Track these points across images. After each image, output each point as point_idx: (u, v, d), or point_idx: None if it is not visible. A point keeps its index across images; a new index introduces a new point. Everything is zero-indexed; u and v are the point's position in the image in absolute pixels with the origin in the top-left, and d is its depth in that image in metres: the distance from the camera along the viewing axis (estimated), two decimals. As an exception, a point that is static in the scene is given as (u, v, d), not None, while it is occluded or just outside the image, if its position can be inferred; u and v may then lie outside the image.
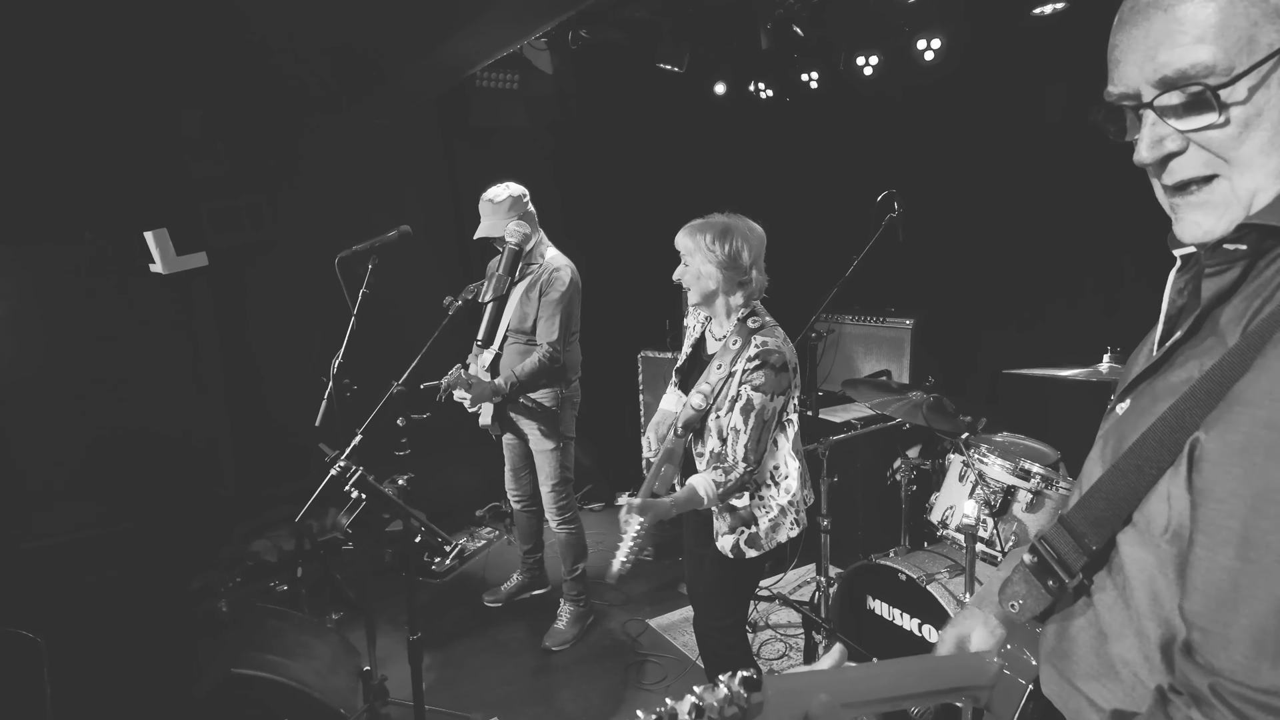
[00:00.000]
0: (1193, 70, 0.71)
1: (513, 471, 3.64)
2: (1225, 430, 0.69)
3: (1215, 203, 0.75)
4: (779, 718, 0.74)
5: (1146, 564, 0.80)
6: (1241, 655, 0.66)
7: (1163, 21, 0.72)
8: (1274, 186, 0.72)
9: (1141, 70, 0.74)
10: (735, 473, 2.10)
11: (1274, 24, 0.69)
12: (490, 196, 3.17)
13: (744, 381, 2.09)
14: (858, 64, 4.05)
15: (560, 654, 3.40)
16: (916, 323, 4.13)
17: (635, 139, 5.00)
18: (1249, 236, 0.74)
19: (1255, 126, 0.71)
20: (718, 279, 2.16)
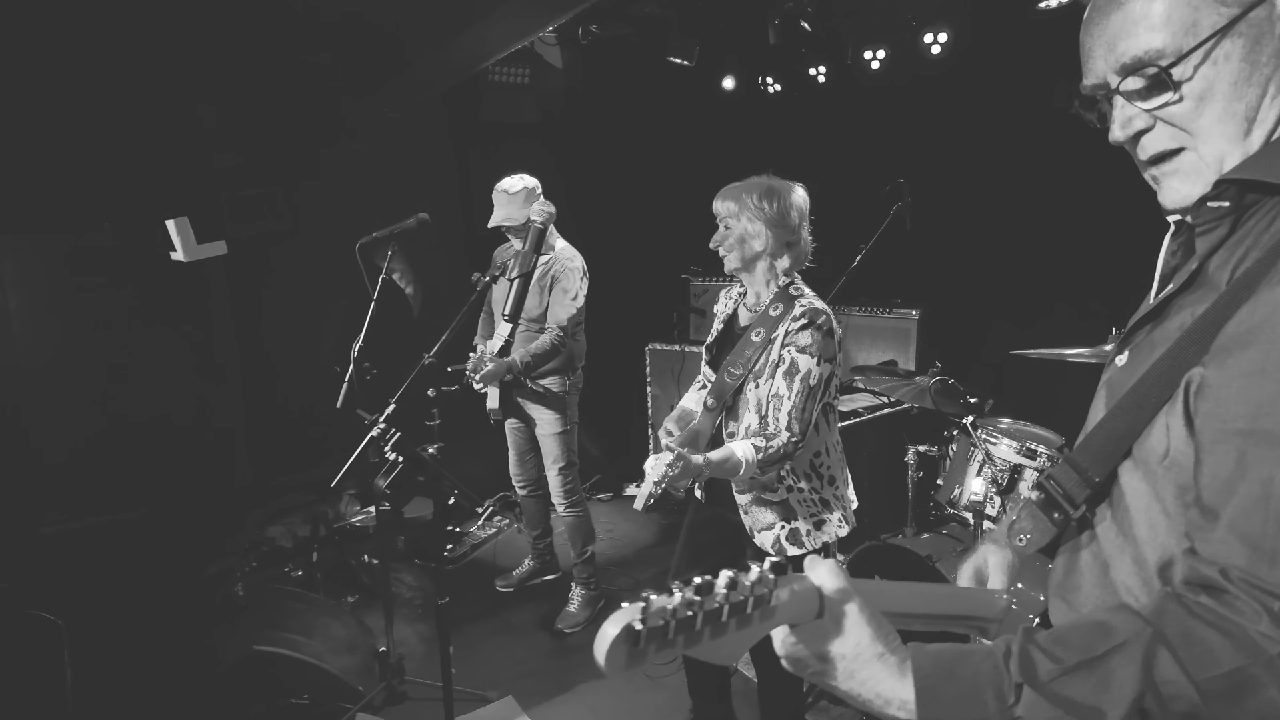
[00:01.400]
0: (1146, 55, 0.80)
1: (518, 456, 3.70)
2: (1223, 356, 0.75)
3: (1186, 169, 0.83)
4: (803, 601, 0.78)
5: (1144, 493, 0.86)
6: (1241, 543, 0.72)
7: (1119, 16, 0.81)
8: (1237, 150, 0.80)
9: (1106, 61, 0.84)
10: (778, 440, 1.93)
11: (1213, 8, 0.77)
12: (504, 187, 3.25)
13: (787, 344, 1.95)
14: (865, 58, 4.11)
15: (572, 635, 3.46)
16: (922, 314, 4.19)
17: (643, 133, 5.06)
18: (1228, 192, 0.81)
19: (1208, 99, 0.79)
20: (766, 238, 2.03)
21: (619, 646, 0.67)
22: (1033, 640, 0.76)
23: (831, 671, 0.79)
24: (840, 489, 2.19)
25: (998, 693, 0.74)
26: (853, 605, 0.79)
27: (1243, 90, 0.79)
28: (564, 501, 3.51)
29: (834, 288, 3.19)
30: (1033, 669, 0.73)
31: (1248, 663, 0.68)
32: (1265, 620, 0.69)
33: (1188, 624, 0.72)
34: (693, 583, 0.71)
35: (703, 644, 0.72)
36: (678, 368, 4.94)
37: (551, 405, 3.41)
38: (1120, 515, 0.89)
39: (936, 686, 0.75)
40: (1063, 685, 0.72)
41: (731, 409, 2.09)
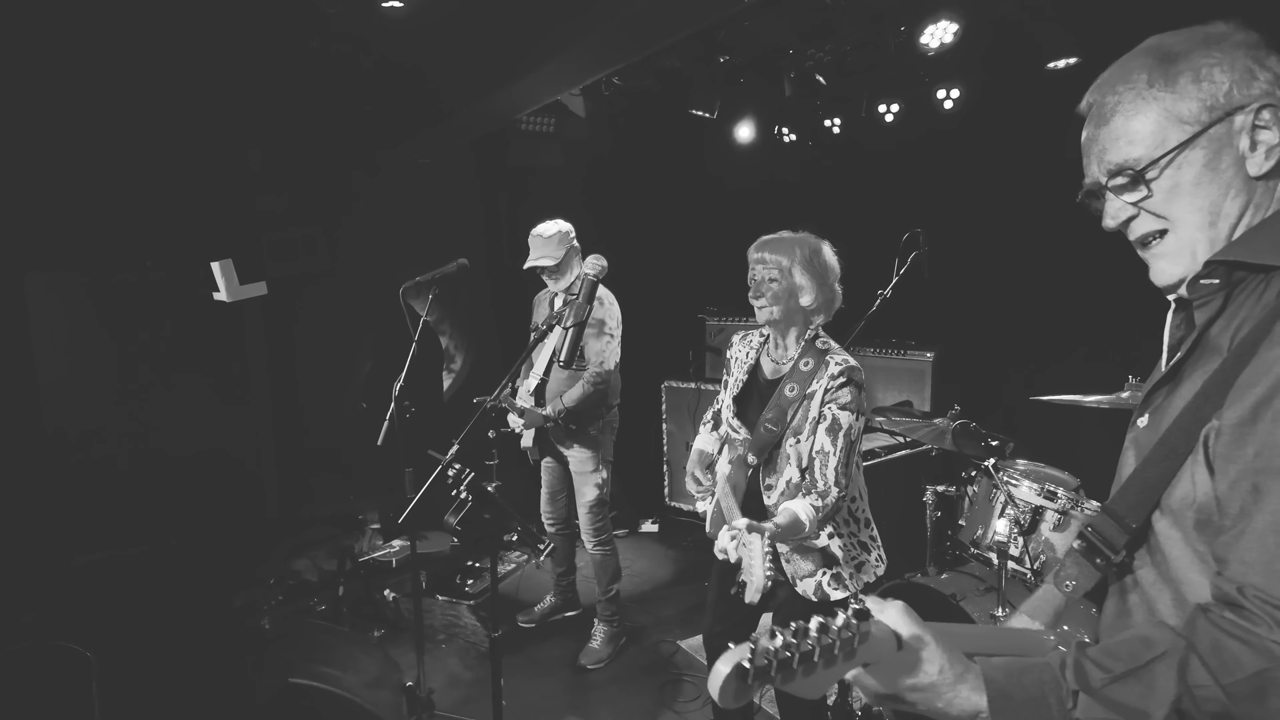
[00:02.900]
0: (1125, 163, 1.00)
1: (550, 495, 3.78)
2: (1235, 408, 0.89)
3: (1169, 252, 1.01)
4: (880, 643, 0.89)
5: (1176, 537, 0.97)
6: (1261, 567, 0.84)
7: (1107, 131, 1.02)
8: (1204, 238, 0.98)
9: (1098, 165, 1.04)
10: (830, 497, 1.99)
11: (1178, 127, 0.97)
12: (539, 231, 3.42)
13: (828, 401, 2.01)
14: (879, 111, 4.28)
15: (595, 672, 3.50)
16: (936, 355, 4.30)
17: (661, 178, 5.24)
18: (1218, 271, 0.97)
19: (1175, 195, 0.98)
20: (814, 294, 2.08)
21: (730, 681, 0.79)
22: (1084, 654, 0.88)
23: (920, 698, 0.90)
24: (874, 530, 2.27)
25: (1058, 698, 0.86)
26: (928, 640, 0.90)
27: (1206, 189, 0.97)
28: (593, 540, 3.58)
29: (852, 333, 3.30)
30: (1085, 677, 0.86)
31: (1268, 666, 0.80)
32: (1279, 631, 0.81)
33: (1215, 635, 0.84)
34: (790, 627, 0.82)
35: (796, 681, 0.83)
36: (693, 405, 5.04)
37: (585, 444, 3.50)
38: (1158, 559, 1.01)
39: (1005, 694, 0.87)
40: (1113, 691, 0.84)
41: (770, 462, 2.13)
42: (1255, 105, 0.94)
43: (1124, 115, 1.00)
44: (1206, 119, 0.95)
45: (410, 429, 2.85)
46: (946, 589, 2.57)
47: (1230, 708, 0.81)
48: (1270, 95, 0.95)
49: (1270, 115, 0.94)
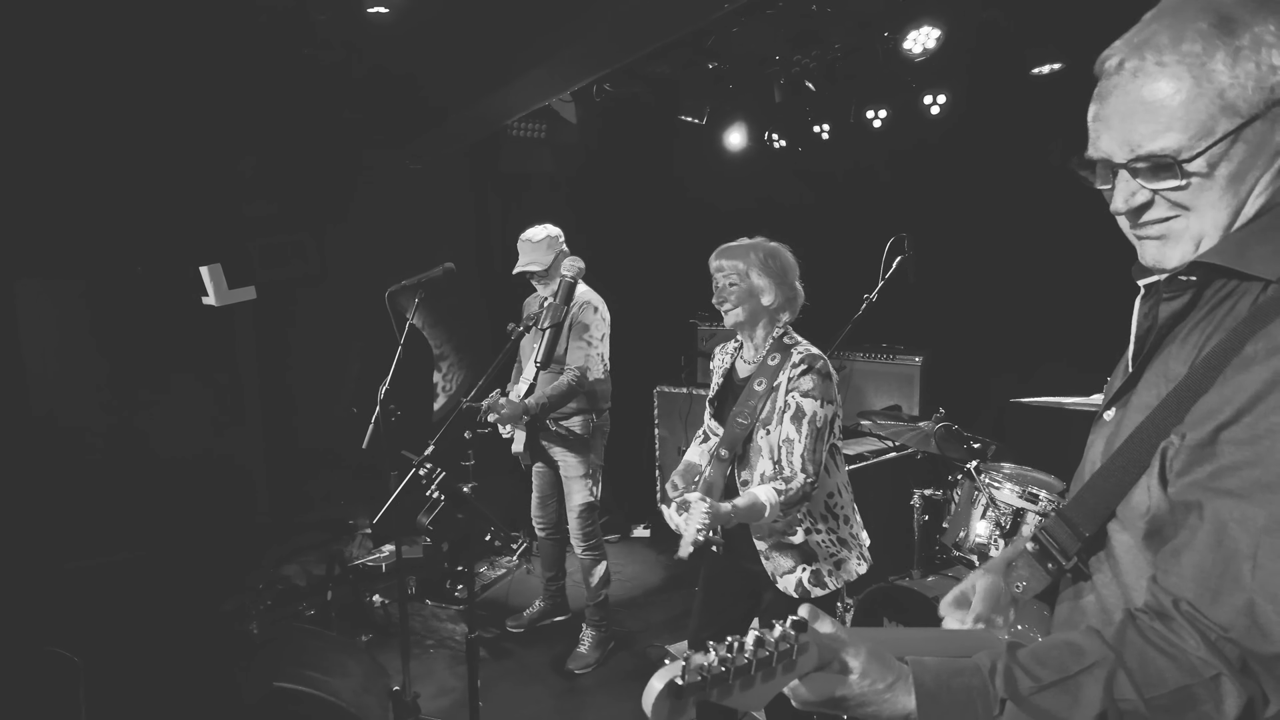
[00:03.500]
0: (1161, 150, 0.87)
1: (540, 499, 3.78)
2: (1196, 430, 0.87)
3: (1170, 237, 0.93)
4: (818, 654, 0.89)
5: (1130, 546, 0.98)
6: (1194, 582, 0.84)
7: (1136, 102, 0.88)
8: (1217, 233, 0.91)
9: (1116, 140, 0.91)
10: (795, 483, 2.03)
11: (1228, 116, 0.85)
12: (529, 236, 3.43)
13: (791, 389, 2.08)
14: (867, 117, 4.31)
15: (583, 676, 3.50)
16: (925, 360, 4.32)
17: (652, 184, 5.26)
18: (1199, 270, 0.92)
19: (1206, 189, 0.88)
20: (774, 294, 2.17)
21: (664, 699, 0.79)
22: (1015, 659, 0.88)
23: (847, 708, 0.91)
24: (855, 528, 2.28)
25: (985, 704, 0.86)
26: (854, 651, 0.90)
27: (1237, 186, 0.88)
28: (582, 544, 3.58)
29: (838, 338, 3.31)
30: (1015, 685, 0.86)
31: (1190, 683, 0.81)
32: (1204, 648, 0.81)
33: (1143, 648, 0.85)
34: (725, 641, 0.82)
35: (734, 696, 0.83)
36: (685, 410, 5.05)
37: (574, 448, 3.50)
38: (1113, 565, 1.01)
39: (934, 698, 0.87)
40: (1040, 699, 0.85)
41: (743, 457, 2.19)
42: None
43: (1153, 92, 0.86)
44: (1261, 106, 0.83)
45: (395, 432, 2.86)
46: (929, 592, 2.58)
47: (1150, 718, 0.82)
48: None
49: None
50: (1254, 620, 0.79)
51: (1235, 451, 0.83)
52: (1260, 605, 0.78)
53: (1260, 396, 0.81)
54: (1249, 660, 0.80)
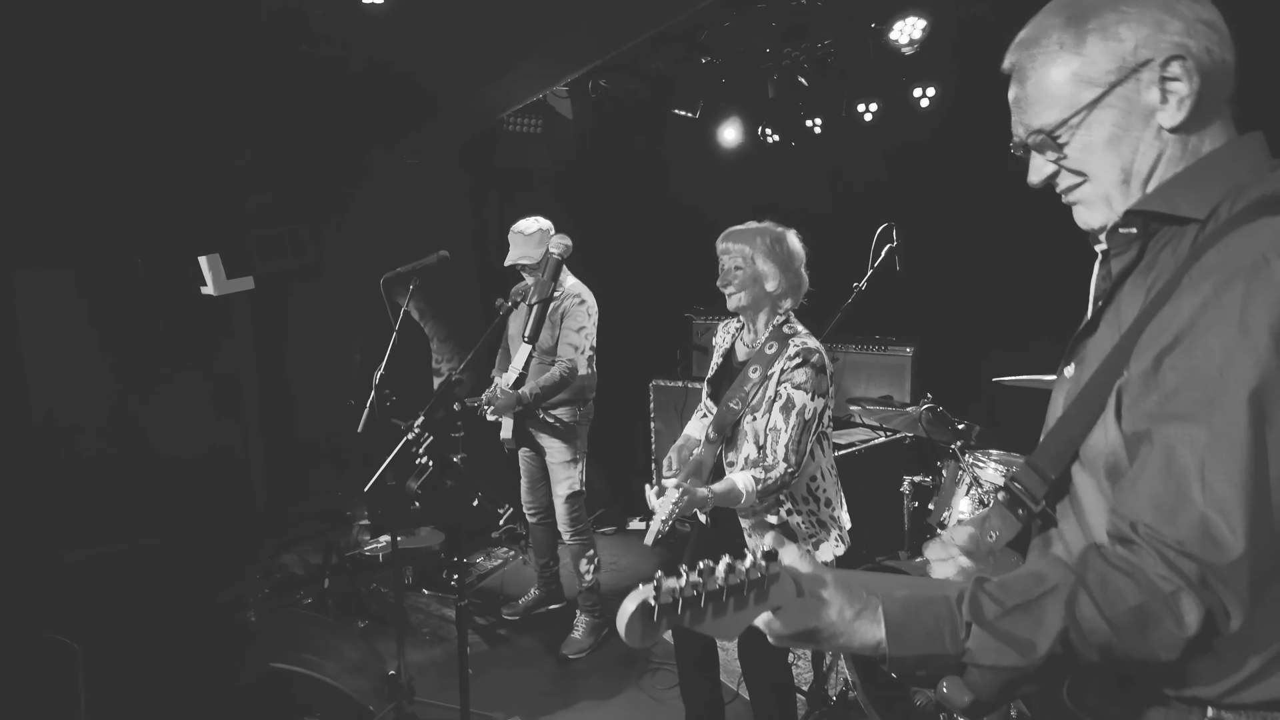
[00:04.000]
0: (1042, 125, 1.02)
1: (529, 484, 3.82)
2: (1140, 360, 0.92)
3: (1087, 200, 1.05)
4: (789, 587, 0.90)
5: (1091, 486, 1.01)
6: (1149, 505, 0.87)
7: (1024, 93, 1.05)
8: (1118, 191, 1.01)
9: (1020, 125, 1.07)
10: (775, 472, 2.07)
11: (1087, 89, 0.98)
12: (520, 228, 3.49)
13: (783, 380, 2.10)
14: (859, 110, 4.36)
15: (577, 661, 3.53)
16: (915, 350, 4.36)
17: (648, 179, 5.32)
18: (1135, 220, 0.99)
19: (1089, 151, 1.01)
20: (778, 280, 2.18)
21: (635, 620, 0.80)
22: (982, 588, 0.90)
23: (822, 637, 0.92)
24: (835, 511, 2.31)
25: (952, 630, 0.88)
26: (826, 582, 0.93)
27: (1119, 145, 0.99)
28: (570, 529, 3.62)
29: (829, 325, 3.35)
30: (980, 611, 0.88)
31: (1148, 600, 0.83)
32: (1163, 565, 0.84)
33: (1103, 570, 0.87)
34: (697, 566, 0.83)
35: (706, 622, 0.84)
36: (681, 404, 5.09)
37: (561, 435, 3.55)
38: (1076, 508, 1.04)
39: (903, 627, 0.89)
40: (1004, 623, 0.87)
41: (731, 440, 2.23)
42: (1163, 58, 0.95)
43: (1037, 78, 1.02)
44: (1115, 78, 0.97)
45: (390, 417, 2.90)
46: (916, 571, 2.61)
47: (1113, 639, 0.84)
48: (1181, 45, 0.94)
49: (1179, 67, 0.94)
50: (1207, 533, 0.82)
51: (1175, 376, 0.87)
52: (1212, 518, 0.82)
53: (1194, 321, 0.86)
54: (1207, 575, 0.82)
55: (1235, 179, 0.94)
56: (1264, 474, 0.82)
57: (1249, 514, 0.81)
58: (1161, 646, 0.84)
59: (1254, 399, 0.82)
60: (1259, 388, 0.82)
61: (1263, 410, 0.82)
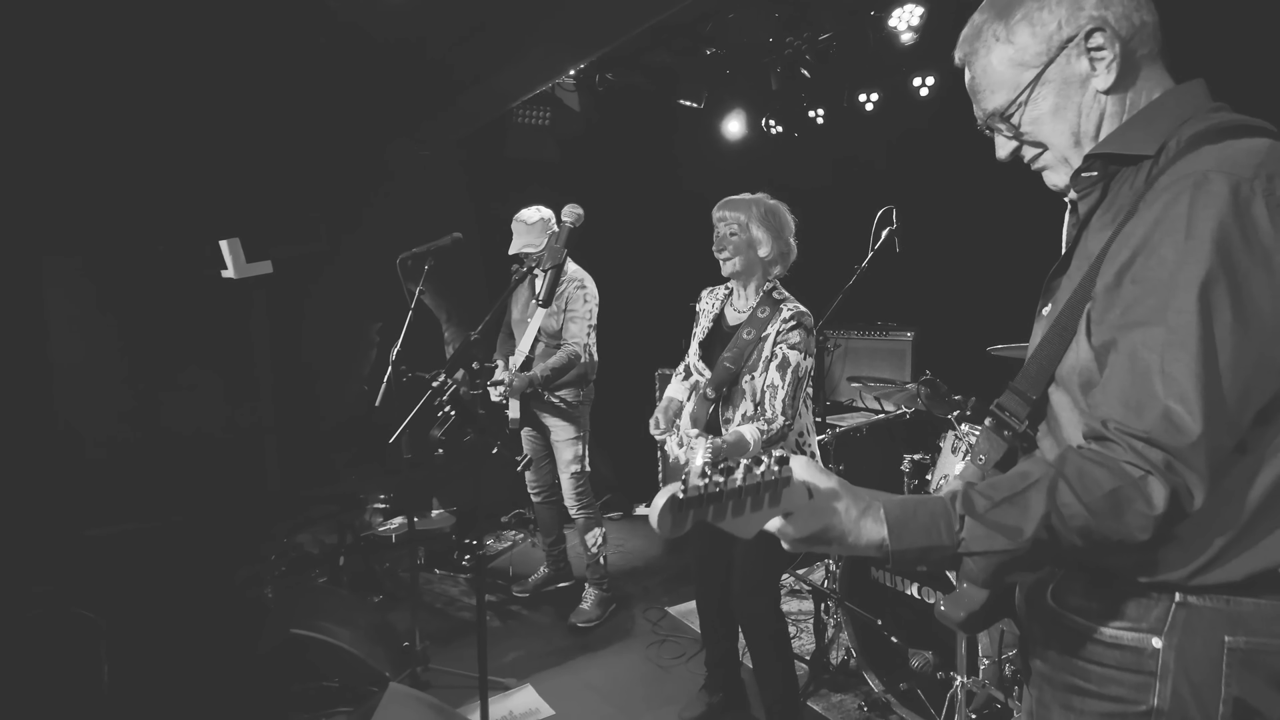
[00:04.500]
0: (995, 108, 1.15)
1: (534, 463, 3.93)
2: (1103, 277, 1.02)
3: (1050, 165, 1.17)
4: (800, 491, 0.99)
5: (1066, 404, 1.10)
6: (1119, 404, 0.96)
7: (974, 83, 1.18)
8: (1073, 150, 1.13)
9: (978, 110, 1.20)
10: (775, 424, 2.28)
11: (1025, 71, 1.11)
12: (523, 217, 3.61)
13: (779, 341, 2.30)
14: (860, 100, 4.46)
15: (586, 632, 3.63)
16: (916, 335, 4.45)
17: (653, 170, 5.41)
18: (1095, 164, 1.10)
19: (1040, 123, 1.13)
20: (770, 246, 2.38)
21: (665, 511, 0.88)
22: (972, 487, 0.99)
23: (830, 535, 0.99)
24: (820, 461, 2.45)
25: (947, 524, 0.97)
26: (834, 485, 1.01)
27: (1064, 113, 1.12)
28: (576, 504, 3.72)
29: (831, 306, 3.44)
30: (971, 504, 0.97)
31: (1121, 484, 0.92)
32: (1132, 454, 0.93)
33: (1080, 463, 0.96)
34: (719, 467, 0.91)
35: (727, 518, 0.93)
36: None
37: (565, 416, 3.66)
38: (1054, 426, 1.14)
39: (903, 524, 0.98)
40: (994, 514, 0.96)
41: (728, 397, 2.40)
42: (1084, 31, 1.07)
43: (981, 69, 1.16)
44: (1046, 57, 1.09)
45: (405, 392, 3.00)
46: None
47: (1091, 521, 0.93)
48: (1098, 18, 1.06)
49: (1101, 37, 1.06)
50: (1170, 421, 0.91)
51: (1134, 287, 0.97)
52: (1173, 408, 0.91)
53: (1148, 236, 0.96)
54: (1172, 459, 0.91)
55: (1180, 118, 1.05)
56: (1214, 363, 0.91)
57: (1205, 400, 0.90)
58: (1135, 527, 0.92)
59: (1201, 295, 0.91)
60: (1205, 284, 0.91)
61: (1209, 305, 0.91)
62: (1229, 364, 0.91)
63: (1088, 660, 1.07)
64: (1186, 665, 1.00)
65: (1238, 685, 0.99)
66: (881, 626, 2.80)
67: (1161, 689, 1.01)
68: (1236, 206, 0.92)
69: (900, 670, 2.76)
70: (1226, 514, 0.98)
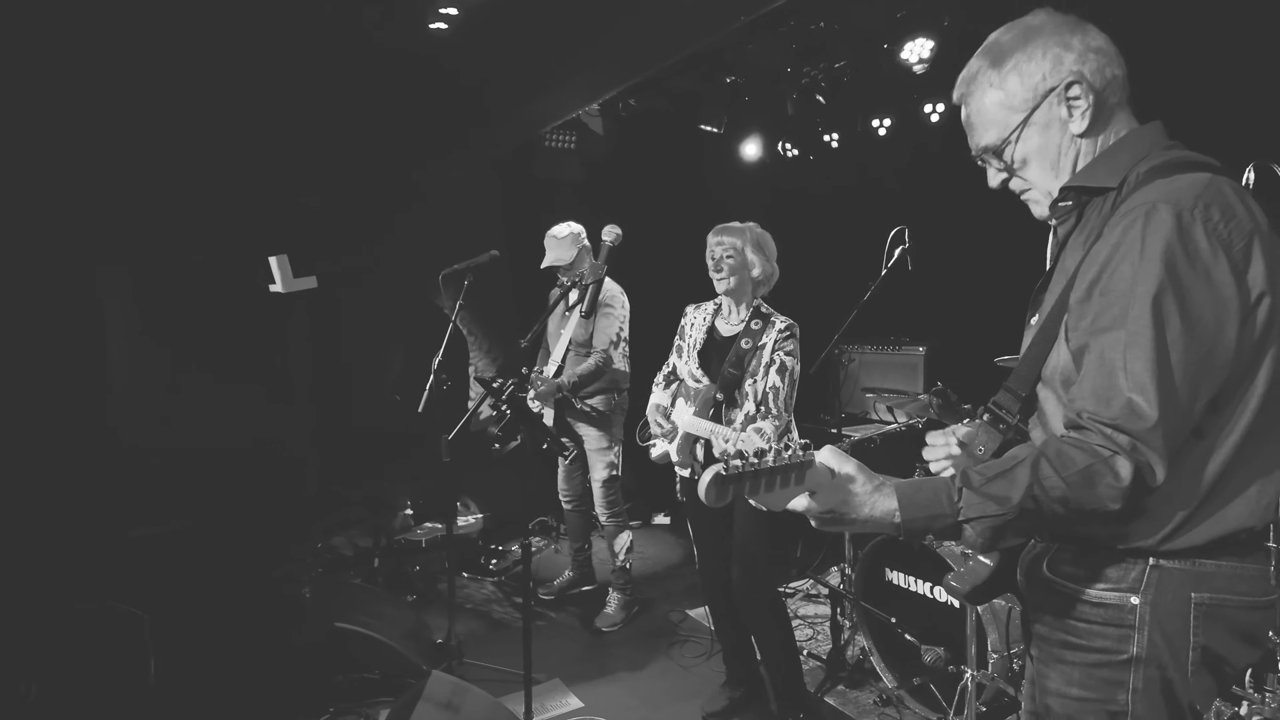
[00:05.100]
0: (987, 144, 1.33)
1: (565, 472, 4.10)
2: (1077, 290, 1.20)
3: (1034, 198, 1.35)
4: (820, 473, 1.17)
5: (1051, 399, 1.28)
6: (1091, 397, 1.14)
7: (970, 121, 1.35)
8: (1054, 185, 1.31)
9: (972, 143, 1.37)
10: (780, 421, 2.63)
11: (1015, 114, 1.28)
12: (554, 232, 3.82)
13: (777, 349, 2.66)
14: (873, 125, 4.65)
15: (610, 634, 3.78)
16: (928, 350, 4.61)
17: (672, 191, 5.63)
18: (1069, 195, 1.29)
19: (1029, 161, 1.31)
20: (760, 268, 2.74)
21: (713, 485, 1.07)
22: (969, 469, 1.18)
23: (849, 509, 1.16)
24: None
25: (948, 496, 1.14)
26: (851, 466, 1.19)
27: (1047, 151, 1.30)
28: (606, 511, 3.89)
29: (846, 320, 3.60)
30: (969, 480, 1.15)
31: (1093, 462, 1.10)
32: (1102, 438, 1.11)
33: (1059, 445, 1.14)
34: (755, 450, 1.11)
35: (760, 493, 1.12)
36: (703, 405, 5.36)
37: (597, 423, 3.83)
38: (1043, 419, 1.32)
39: (910, 497, 1.15)
40: (987, 487, 1.14)
41: (731, 399, 2.72)
42: (1064, 83, 1.25)
43: (977, 109, 1.33)
44: (1031, 103, 1.27)
45: (446, 400, 3.20)
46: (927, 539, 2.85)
47: (1069, 492, 1.10)
48: (1076, 72, 1.24)
49: (1078, 89, 1.25)
50: (1132, 410, 1.09)
51: (1101, 299, 1.16)
52: (1134, 399, 1.09)
53: (1110, 256, 1.15)
54: (1135, 441, 1.09)
55: (1138, 155, 1.24)
56: (1166, 360, 1.09)
57: (1160, 391, 1.08)
58: (1106, 497, 1.10)
59: (1154, 305, 1.09)
60: (1156, 296, 1.09)
61: (1161, 313, 1.09)
62: (1179, 361, 1.09)
63: (1077, 619, 1.25)
64: (1160, 618, 1.18)
65: (1204, 635, 1.17)
66: (895, 624, 2.95)
67: (1139, 639, 1.18)
68: (1180, 231, 1.10)
69: (913, 666, 2.90)
70: (1188, 489, 1.16)
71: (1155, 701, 1.19)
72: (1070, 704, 1.26)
